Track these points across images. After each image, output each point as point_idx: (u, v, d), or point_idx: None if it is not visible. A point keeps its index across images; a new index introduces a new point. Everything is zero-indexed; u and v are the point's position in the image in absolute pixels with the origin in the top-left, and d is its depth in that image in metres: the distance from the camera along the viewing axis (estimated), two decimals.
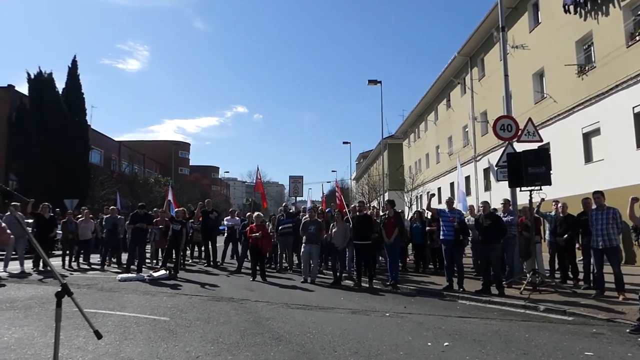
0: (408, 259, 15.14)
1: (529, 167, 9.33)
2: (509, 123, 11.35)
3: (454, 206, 10.65)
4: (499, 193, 17.80)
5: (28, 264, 13.34)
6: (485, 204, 9.95)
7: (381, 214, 12.52)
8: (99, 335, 2.45)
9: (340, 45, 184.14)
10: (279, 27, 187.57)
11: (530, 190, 9.57)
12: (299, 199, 22.56)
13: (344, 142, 55.97)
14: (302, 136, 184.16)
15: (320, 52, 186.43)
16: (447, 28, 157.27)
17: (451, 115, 30.59)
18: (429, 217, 14.12)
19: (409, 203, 32.33)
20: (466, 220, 11.07)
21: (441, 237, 10.33)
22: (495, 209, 11.31)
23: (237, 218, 16.29)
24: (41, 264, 13.17)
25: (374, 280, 10.95)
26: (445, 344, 5.54)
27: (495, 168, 12.69)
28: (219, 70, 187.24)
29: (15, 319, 6.69)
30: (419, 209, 17.94)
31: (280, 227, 13.77)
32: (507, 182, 10.42)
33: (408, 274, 13.08)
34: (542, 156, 9.58)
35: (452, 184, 29.17)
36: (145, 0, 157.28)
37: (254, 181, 20.39)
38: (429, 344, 5.57)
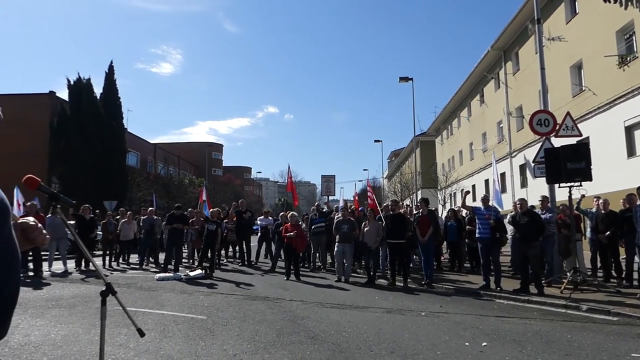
0: (443, 258, 14.96)
1: (568, 163, 9.06)
2: (546, 118, 11.07)
3: (490, 203, 10.44)
4: (536, 190, 17.36)
5: (70, 264, 13.81)
6: (522, 201, 9.71)
7: (414, 212, 12.40)
8: (141, 333, 2.50)
9: (370, 43, 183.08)
10: (308, 27, 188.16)
11: (570, 187, 9.29)
12: (331, 198, 22.56)
13: (375, 141, 55.43)
14: (333, 135, 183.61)
15: (350, 51, 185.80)
16: (479, 22, 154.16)
17: (485, 111, 29.99)
18: (464, 214, 13.90)
19: (442, 201, 31.91)
20: (510, 216, 10.82)
21: (477, 235, 10.15)
22: (532, 206, 11.05)
23: (270, 218, 16.44)
24: (83, 263, 13.62)
25: (408, 280, 10.86)
26: (484, 344, 5.44)
27: (532, 164, 12.37)
28: (249, 71, 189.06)
29: (60, 317, 6.94)
30: (453, 207, 17.68)
31: (313, 227, 13.80)
32: (545, 178, 10.15)
33: (443, 273, 12.93)
34: (581, 151, 9.29)
35: (486, 181, 28.62)
36: (178, 5, 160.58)
37: (286, 181, 20.45)
38: (467, 343, 5.48)
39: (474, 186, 31.23)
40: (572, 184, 9.20)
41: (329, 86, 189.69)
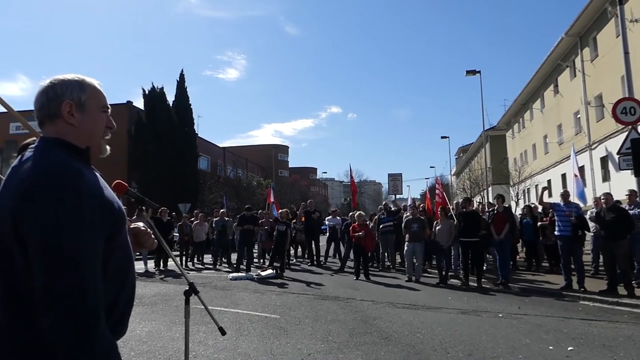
0: (518, 257, 14.31)
1: None
2: (631, 105, 10.28)
3: (570, 199, 9.85)
4: (620, 183, 16.19)
5: (150, 264, 14.57)
6: (608, 196, 9.07)
7: (487, 210, 11.96)
8: (223, 332, 2.55)
9: (433, 37, 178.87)
10: (369, 24, 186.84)
11: None
12: (398, 196, 22.27)
13: (442, 137, 53.96)
14: (398, 132, 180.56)
15: (412, 46, 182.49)
16: (550, 8, 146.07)
17: (560, 101, 28.37)
18: (540, 211, 13.23)
19: (515, 197, 30.53)
20: (594, 212, 10.14)
21: (556, 233, 9.62)
22: (618, 201, 10.30)
23: (339, 218, 16.47)
24: (161, 263, 14.32)
25: (483, 279, 10.48)
26: (570, 348, 5.14)
27: (616, 156, 11.51)
28: (311, 72, 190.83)
29: (144, 314, 7.33)
30: (529, 204, 16.86)
31: (381, 226, 13.66)
32: (631, 171, 9.43)
33: (519, 272, 12.37)
34: None
35: (563, 176, 27.08)
36: (240, 11, 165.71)
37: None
38: (551, 347, 5.19)
39: (549, 181, 29.65)
40: None
41: (391, 83, 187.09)
